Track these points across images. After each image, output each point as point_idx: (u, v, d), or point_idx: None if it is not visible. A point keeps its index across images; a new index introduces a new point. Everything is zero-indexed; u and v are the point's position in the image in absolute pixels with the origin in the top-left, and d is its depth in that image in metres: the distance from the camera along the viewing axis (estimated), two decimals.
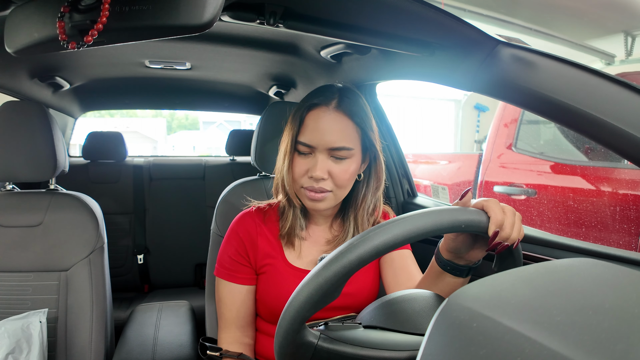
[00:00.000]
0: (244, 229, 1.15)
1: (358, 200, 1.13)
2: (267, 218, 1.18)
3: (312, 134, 1.02)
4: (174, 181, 2.88)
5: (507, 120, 3.19)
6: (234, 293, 1.14)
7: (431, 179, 4.13)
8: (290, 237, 1.13)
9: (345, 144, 1.01)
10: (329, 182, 1.03)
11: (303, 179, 1.04)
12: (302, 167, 1.04)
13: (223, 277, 1.15)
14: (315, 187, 1.02)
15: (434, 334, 0.46)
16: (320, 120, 1.02)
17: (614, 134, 0.76)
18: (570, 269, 0.51)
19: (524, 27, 4.75)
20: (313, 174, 1.01)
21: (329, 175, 1.02)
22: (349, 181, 1.05)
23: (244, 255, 1.14)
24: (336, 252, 0.60)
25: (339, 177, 1.02)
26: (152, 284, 2.80)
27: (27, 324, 1.25)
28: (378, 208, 1.17)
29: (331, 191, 1.04)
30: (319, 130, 1.01)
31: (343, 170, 1.02)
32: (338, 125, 1.01)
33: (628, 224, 2.29)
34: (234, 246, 1.15)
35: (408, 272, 1.14)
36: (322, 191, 1.03)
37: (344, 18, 0.98)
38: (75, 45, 0.63)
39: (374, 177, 1.12)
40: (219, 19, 0.65)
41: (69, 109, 2.59)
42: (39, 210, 1.41)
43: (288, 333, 0.62)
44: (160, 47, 1.56)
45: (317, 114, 1.03)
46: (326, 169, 1.02)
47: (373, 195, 1.13)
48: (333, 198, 1.06)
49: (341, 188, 1.05)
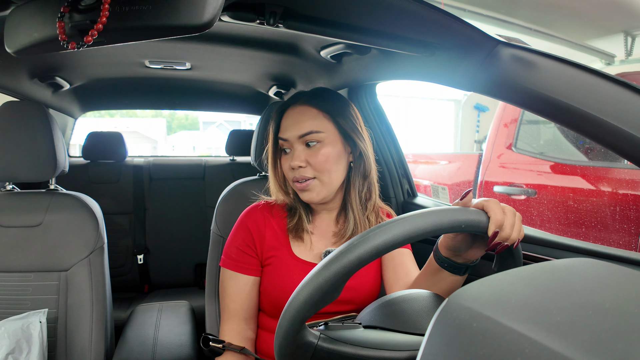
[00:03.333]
0: (253, 221, 1.19)
1: (350, 186, 1.17)
2: (275, 212, 1.22)
3: (285, 129, 1.13)
4: (174, 181, 2.88)
5: (507, 120, 3.19)
6: (239, 284, 1.16)
7: (431, 179, 4.12)
8: (298, 231, 1.17)
9: (312, 128, 1.10)
10: (309, 169, 1.10)
11: (290, 172, 1.13)
12: (286, 163, 1.13)
13: (229, 268, 1.17)
14: (298, 177, 1.10)
15: (434, 333, 0.46)
16: (288, 116, 1.13)
17: (614, 134, 0.76)
18: (570, 268, 0.51)
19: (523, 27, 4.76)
20: (292, 164, 1.10)
21: (307, 163, 1.10)
22: (329, 165, 1.10)
23: (251, 246, 1.17)
24: (336, 252, 0.61)
25: (316, 163, 1.09)
26: (152, 284, 2.80)
27: (27, 324, 1.25)
28: (374, 195, 1.20)
29: (314, 178, 1.10)
30: (289, 124, 1.12)
31: (318, 155, 1.09)
32: (305, 115, 1.11)
33: (628, 224, 2.29)
34: (242, 237, 1.18)
35: (407, 269, 1.16)
36: (304, 179, 1.10)
37: (343, 18, 0.97)
38: (75, 46, 0.63)
39: (360, 161, 1.16)
40: (218, 19, 0.65)
41: (69, 109, 2.59)
42: (39, 210, 1.41)
43: (288, 333, 0.62)
44: (160, 47, 1.56)
45: (287, 112, 1.15)
46: (303, 157, 1.10)
47: (363, 180, 1.17)
48: (320, 185, 1.11)
49: (322, 172, 1.10)
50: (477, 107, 7.62)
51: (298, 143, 1.10)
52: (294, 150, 1.11)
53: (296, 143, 1.11)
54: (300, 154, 1.10)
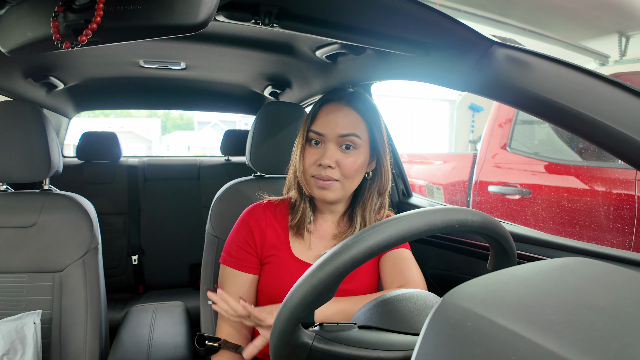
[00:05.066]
0: (254, 219, 1.19)
1: (365, 197, 1.17)
2: (277, 211, 1.22)
3: (323, 124, 1.10)
4: (169, 181, 2.88)
5: (502, 121, 3.20)
6: (238, 281, 1.16)
7: (426, 179, 4.13)
8: (300, 230, 1.17)
9: (353, 130, 1.09)
10: (337, 171, 1.08)
11: (313, 167, 1.10)
12: (312, 157, 1.11)
13: (229, 265, 1.17)
14: (323, 176, 1.08)
15: (428, 333, 0.46)
16: (331, 112, 1.11)
17: (608, 134, 0.77)
18: (564, 268, 0.51)
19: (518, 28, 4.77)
20: (322, 161, 1.07)
21: (337, 164, 1.08)
22: (356, 172, 1.10)
23: (251, 244, 1.17)
24: (329, 252, 0.60)
25: (346, 167, 1.08)
26: (147, 284, 2.79)
27: (21, 325, 1.24)
28: (384, 208, 1.21)
29: (338, 180, 1.09)
30: (330, 120, 1.10)
31: (351, 160, 1.08)
32: (347, 117, 1.10)
33: (621, 223, 2.31)
34: (243, 235, 1.18)
35: (401, 269, 1.15)
36: (329, 179, 1.08)
37: (339, 18, 0.97)
38: (69, 45, 0.63)
39: (378, 177, 1.17)
40: (213, 18, 0.64)
41: (63, 109, 2.57)
42: (32, 211, 1.40)
43: (283, 334, 0.62)
44: (155, 46, 1.56)
45: (328, 107, 1.12)
46: (334, 157, 1.08)
47: (378, 196, 1.18)
48: (340, 189, 1.10)
49: (348, 179, 1.10)
50: (471, 107, 7.64)
51: (333, 142, 1.09)
52: (326, 147, 1.09)
53: (331, 142, 1.09)
54: (332, 153, 1.08)
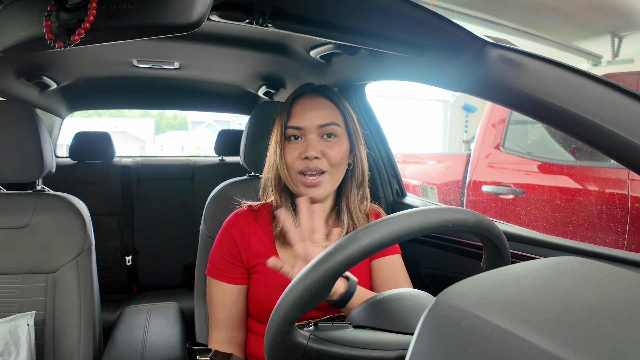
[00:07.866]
0: (237, 229, 1.15)
1: (347, 190, 1.16)
2: (259, 218, 1.18)
3: (301, 117, 1.08)
4: (163, 182, 2.86)
5: (495, 121, 3.22)
6: (225, 293, 1.13)
7: (420, 178, 4.14)
8: (286, 238, 1.11)
9: (332, 119, 1.08)
10: (324, 161, 1.07)
11: (297, 162, 1.08)
12: (295, 152, 1.08)
13: (215, 277, 1.14)
14: (311, 167, 1.06)
15: (422, 332, 0.46)
16: (306, 104, 1.10)
17: (600, 134, 0.77)
18: (558, 267, 0.52)
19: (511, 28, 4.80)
20: (307, 153, 1.05)
21: (322, 155, 1.06)
22: (342, 160, 1.09)
23: (236, 255, 1.13)
24: (324, 253, 0.60)
25: (332, 156, 1.07)
26: (141, 285, 2.78)
27: (15, 327, 1.23)
28: (366, 199, 1.19)
29: (325, 172, 1.07)
30: (307, 112, 1.08)
31: (336, 149, 1.07)
32: (323, 107, 1.10)
33: (614, 223, 2.32)
34: (226, 246, 1.14)
35: (394, 272, 1.16)
36: (317, 171, 1.06)
37: (333, 18, 0.98)
38: (62, 45, 0.63)
39: (357, 167, 1.15)
40: (207, 18, 0.64)
41: (56, 108, 2.56)
42: (25, 211, 1.39)
43: (277, 334, 0.62)
44: (149, 46, 1.55)
45: (302, 101, 1.11)
46: (319, 148, 1.07)
47: (359, 187, 1.17)
48: (329, 180, 1.09)
49: (335, 167, 1.08)
50: (465, 108, 7.68)
51: (314, 133, 1.07)
52: (308, 140, 1.07)
53: (312, 133, 1.07)
54: (316, 144, 1.06)
